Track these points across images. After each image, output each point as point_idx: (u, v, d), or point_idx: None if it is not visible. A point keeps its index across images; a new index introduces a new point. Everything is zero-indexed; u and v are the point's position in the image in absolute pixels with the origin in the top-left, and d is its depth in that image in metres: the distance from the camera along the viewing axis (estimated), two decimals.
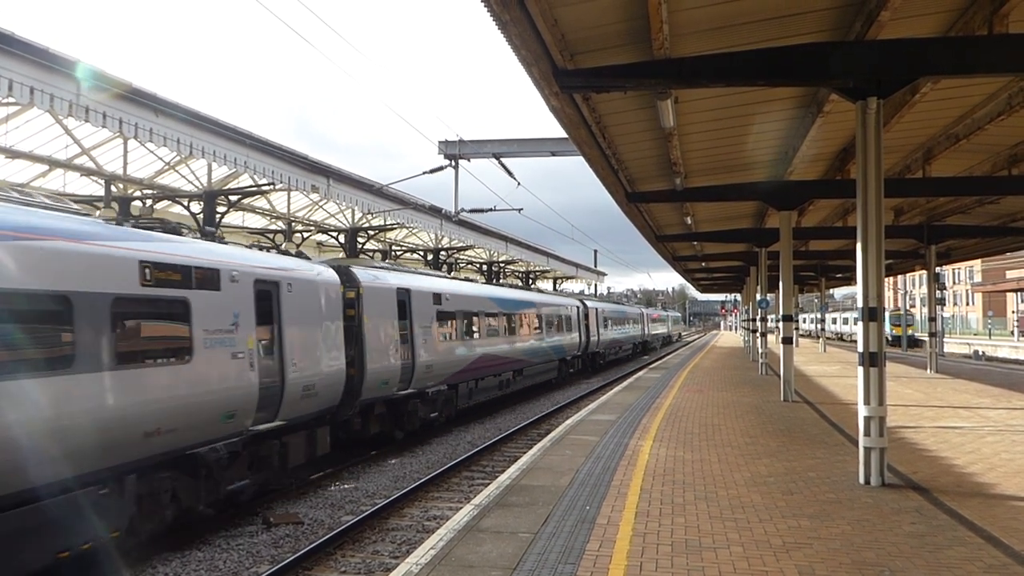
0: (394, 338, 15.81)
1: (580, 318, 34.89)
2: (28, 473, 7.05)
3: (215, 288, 10.10)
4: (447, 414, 18.69)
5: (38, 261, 7.38)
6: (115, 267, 8.38)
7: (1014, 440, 11.91)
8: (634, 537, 6.72)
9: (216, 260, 10.35)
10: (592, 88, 10.56)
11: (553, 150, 18.76)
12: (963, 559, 6.14)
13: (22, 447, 6.95)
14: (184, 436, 9.29)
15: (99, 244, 8.32)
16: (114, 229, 9.17)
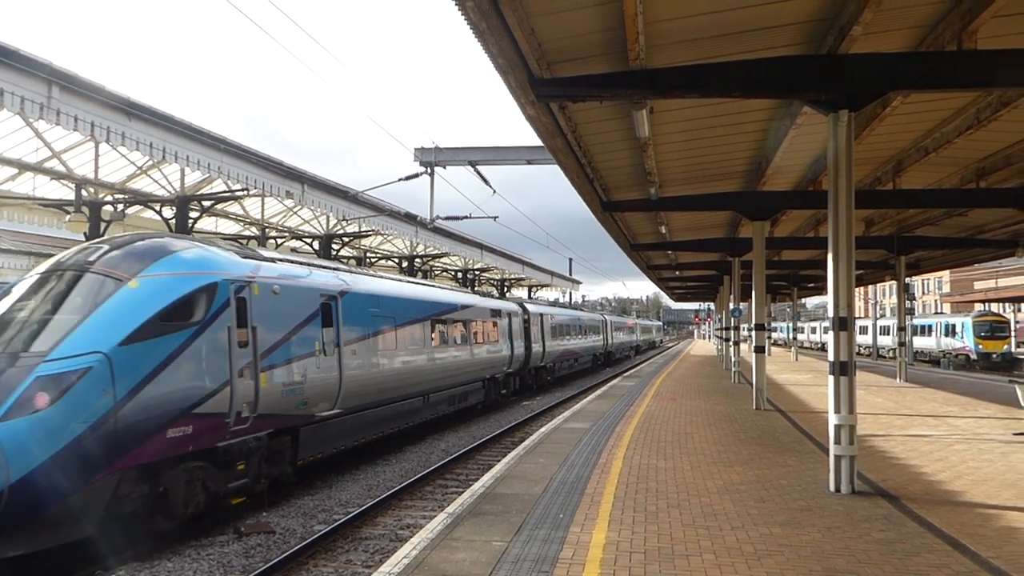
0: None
1: (519, 326, 28.71)
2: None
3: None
4: None
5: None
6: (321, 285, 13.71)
7: (981, 448, 12.09)
8: (607, 545, 6.74)
9: (325, 283, 14.03)
10: (568, 97, 10.61)
11: (529, 158, 18.82)
12: (931, 566, 6.22)
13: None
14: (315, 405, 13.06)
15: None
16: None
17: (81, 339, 8.77)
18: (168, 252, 10.42)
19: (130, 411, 8.89)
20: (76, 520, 8.48)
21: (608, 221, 22.08)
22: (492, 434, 19.27)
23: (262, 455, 11.58)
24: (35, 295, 9.69)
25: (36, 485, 7.87)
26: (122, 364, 8.90)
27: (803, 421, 15.36)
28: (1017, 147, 15.79)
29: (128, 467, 9.03)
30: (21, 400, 8.01)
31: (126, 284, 9.53)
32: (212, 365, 10.28)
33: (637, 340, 77.20)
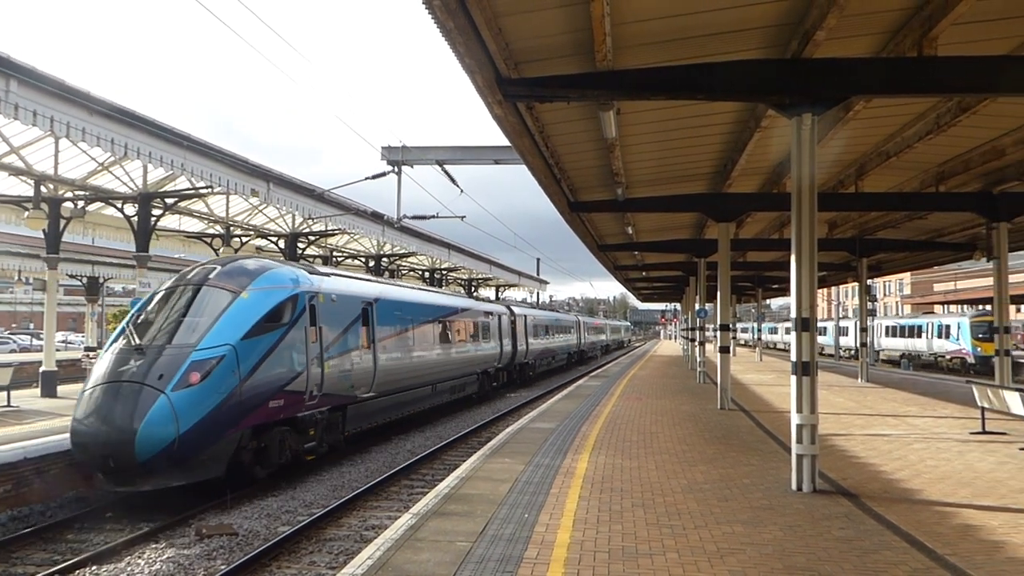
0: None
1: (507, 326, 32.28)
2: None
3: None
4: None
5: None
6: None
7: (939, 448, 12.31)
8: (572, 545, 6.75)
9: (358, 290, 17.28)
10: (536, 98, 10.64)
11: (496, 158, 18.80)
12: (889, 563, 6.31)
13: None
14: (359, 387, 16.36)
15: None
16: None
17: (216, 335, 12.21)
18: (264, 271, 13.98)
19: (248, 387, 12.34)
20: (214, 462, 11.95)
21: (575, 221, 22.16)
22: (458, 434, 19.26)
23: (324, 425, 14.99)
24: (170, 303, 13.17)
25: (194, 435, 11.33)
26: (243, 353, 12.34)
27: (767, 421, 15.53)
28: (975, 152, 16.10)
29: (246, 427, 12.46)
30: (183, 377, 11.49)
31: (240, 296, 13.00)
32: (296, 355, 13.71)
33: (607, 340, 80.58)
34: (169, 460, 11.16)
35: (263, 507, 12.04)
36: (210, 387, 11.68)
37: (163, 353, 11.84)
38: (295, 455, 14.04)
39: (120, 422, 11.04)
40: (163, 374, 11.49)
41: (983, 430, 13.94)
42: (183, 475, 11.54)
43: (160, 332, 12.40)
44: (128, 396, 11.30)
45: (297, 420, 13.90)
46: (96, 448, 11.10)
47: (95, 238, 25.75)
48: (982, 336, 43.78)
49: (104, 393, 11.48)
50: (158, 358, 11.72)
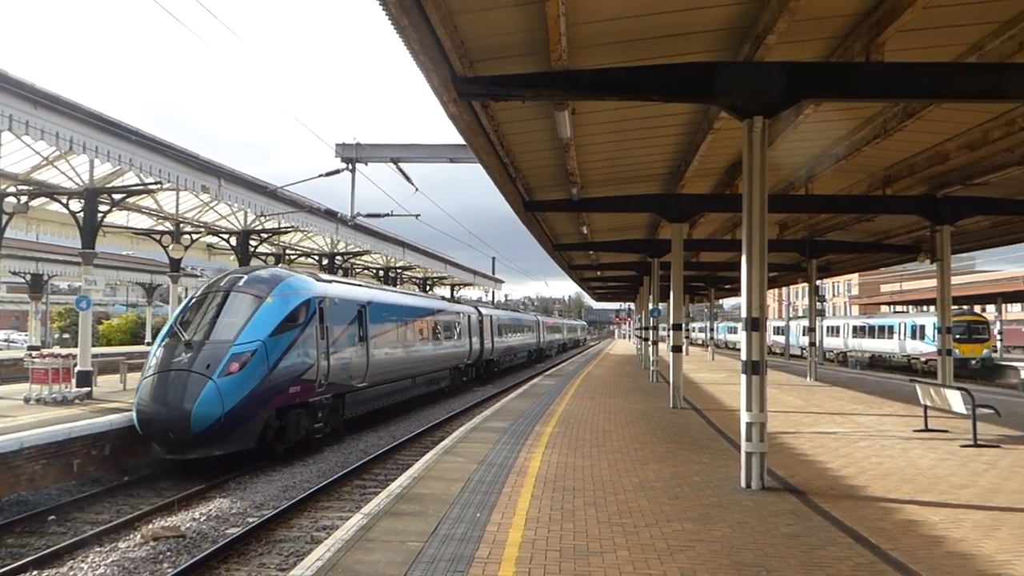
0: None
1: (476, 325, 34.95)
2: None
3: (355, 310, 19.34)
4: None
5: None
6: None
7: (883, 445, 12.58)
8: (523, 544, 6.76)
9: (357, 294, 20.05)
10: (491, 96, 10.63)
11: (452, 156, 18.72)
12: (834, 558, 6.43)
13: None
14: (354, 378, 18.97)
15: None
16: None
17: (249, 332, 14.79)
18: (283, 279, 16.60)
19: (275, 376, 14.91)
20: (248, 436, 14.49)
21: (530, 221, 22.20)
22: (412, 433, 19.19)
23: (328, 409, 17.61)
24: (206, 305, 15.70)
25: (235, 414, 13.91)
26: (270, 348, 14.90)
27: (718, 419, 15.72)
28: (920, 156, 16.49)
29: (272, 408, 14.99)
30: (226, 367, 14.06)
31: (265, 300, 15.55)
32: (309, 350, 16.25)
33: (564, 339, 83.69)
34: (215, 434, 13.77)
35: (212, 509, 11.86)
36: (247, 375, 14.27)
37: (208, 347, 14.47)
38: (307, 433, 16.59)
39: (178, 403, 13.65)
40: (210, 364, 14.10)
41: (926, 428, 14.28)
42: (225, 446, 14.11)
43: (203, 330, 14.98)
44: (183, 382, 13.94)
45: (309, 404, 16.48)
46: (159, 424, 13.68)
47: (39, 234, 25.09)
48: (959, 337, 40.45)
49: (163, 380, 14.07)
50: (204, 351, 14.36)
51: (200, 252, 30.96)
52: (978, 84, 9.84)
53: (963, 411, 12.77)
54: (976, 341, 42.65)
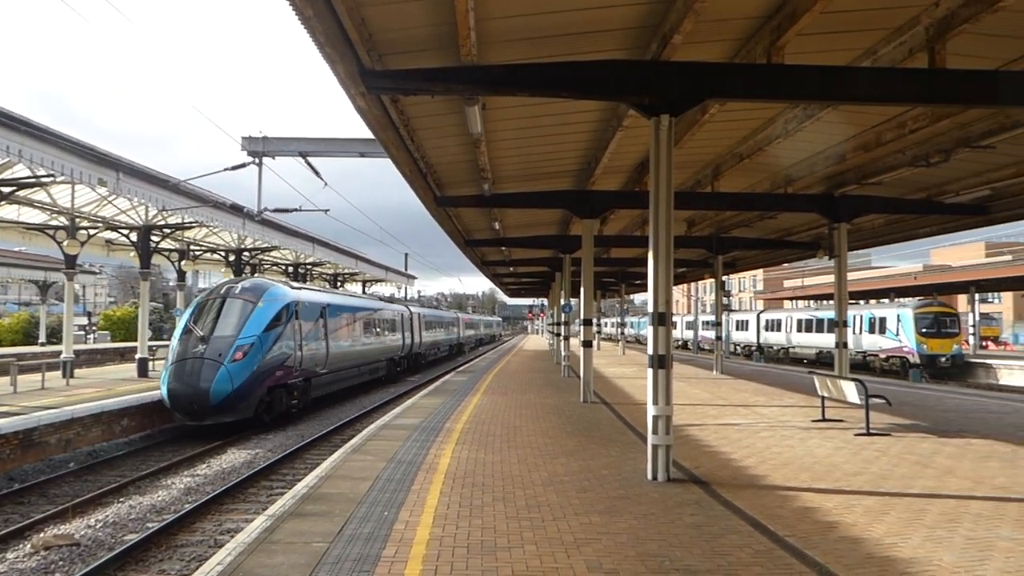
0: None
1: (407, 322, 39.47)
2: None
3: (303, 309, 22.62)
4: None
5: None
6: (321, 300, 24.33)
7: (784, 435, 13.01)
8: (431, 541, 6.71)
9: (314, 297, 24.23)
10: (399, 90, 10.51)
11: (362, 151, 18.49)
12: (735, 546, 6.60)
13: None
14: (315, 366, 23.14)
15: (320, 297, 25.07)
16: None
17: (248, 329, 19.12)
18: (268, 287, 21.13)
19: (267, 362, 19.28)
20: (249, 408, 18.72)
21: (442, 216, 22.10)
22: (321, 432, 18.89)
23: (301, 390, 22.16)
24: (207, 309, 19.82)
25: (241, 390, 18.19)
26: (264, 341, 19.30)
27: (626, 413, 15.97)
28: (819, 156, 17.10)
29: (265, 387, 19.35)
30: (233, 355, 18.29)
31: (257, 304, 19.86)
32: (289, 343, 20.81)
33: (481, 334, 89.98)
34: (226, 405, 18.12)
35: (109, 514, 11.42)
36: (248, 361, 18.62)
37: (218, 340, 18.75)
38: (286, 408, 21.09)
39: (199, 383, 17.91)
40: (221, 353, 18.41)
41: (823, 418, 14.83)
42: (232, 415, 18.37)
43: (213, 327, 19.15)
44: (202, 367, 18.17)
45: (288, 385, 21.02)
46: (185, 398, 17.92)
47: None
48: (927, 331, 38.06)
49: (186, 365, 18.29)
50: (215, 343, 18.64)
51: (98, 248, 29.67)
52: (871, 88, 10.23)
53: (857, 401, 13.30)
54: (945, 336, 38.31)
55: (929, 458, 10.85)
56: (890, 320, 40.24)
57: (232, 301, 19.78)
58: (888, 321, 40.41)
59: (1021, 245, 79.58)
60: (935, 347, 37.73)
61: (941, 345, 37.88)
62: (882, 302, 49.39)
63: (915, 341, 38.03)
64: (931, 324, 38.15)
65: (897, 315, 39.72)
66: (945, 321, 38.61)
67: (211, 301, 20.09)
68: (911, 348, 38.12)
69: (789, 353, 52.19)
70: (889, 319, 40.34)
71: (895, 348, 39.57)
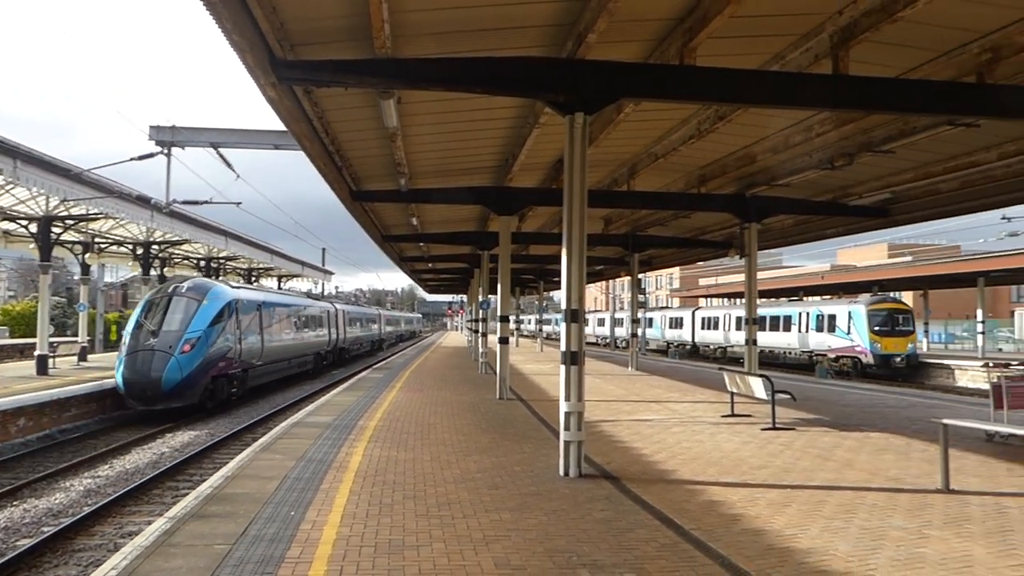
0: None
1: (333, 318, 41.73)
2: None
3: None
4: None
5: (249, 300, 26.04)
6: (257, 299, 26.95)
7: (694, 430, 13.27)
8: (337, 541, 6.59)
9: (253, 296, 26.83)
10: (312, 82, 10.30)
11: (276, 143, 18.03)
12: (642, 540, 6.68)
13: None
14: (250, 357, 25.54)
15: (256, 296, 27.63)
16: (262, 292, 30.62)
17: (195, 324, 21.09)
18: (212, 287, 23.08)
19: (211, 354, 21.30)
20: (195, 394, 20.70)
21: (358, 211, 21.79)
22: (232, 431, 18.44)
23: (239, 379, 24.29)
24: (156, 306, 21.62)
25: (189, 379, 20.21)
26: (209, 335, 21.30)
27: (541, 409, 16.05)
28: (731, 157, 17.50)
29: (209, 376, 21.34)
30: (182, 347, 20.26)
31: (202, 302, 21.78)
32: (230, 337, 22.86)
33: (401, 330, 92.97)
34: (176, 392, 20.07)
35: (1, 519, 10.87)
36: (195, 353, 20.66)
37: (168, 334, 20.75)
38: (227, 396, 23.25)
39: (151, 372, 19.86)
40: (171, 345, 20.42)
41: (732, 413, 15.20)
42: (181, 400, 20.32)
43: (163, 322, 21.07)
44: (153, 358, 20.09)
45: (228, 375, 23.19)
46: (139, 385, 19.77)
47: None
48: (881, 329, 35.81)
49: (138, 357, 20.16)
50: (166, 336, 20.67)
51: None
52: (779, 91, 10.53)
53: (764, 397, 13.68)
54: (900, 334, 36.16)
55: (830, 451, 11.22)
56: (840, 317, 38.17)
57: (179, 299, 21.77)
58: (838, 319, 38.32)
59: (921, 247, 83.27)
60: (889, 346, 35.76)
61: (895, 344, 35.94)
62: (828, 298, 47.87)
63: (868, 340, 36.02)
64: (885, 322, 36.18)
65: (848, 312, 37.65)
66: (899, 318, 36.64)
67: (159, 299, 21.94)
68: (864, 347, 36.16)
69: (728, 353, 50.09)
70: (839, 316, 38.33)
71: (846, 347, 37.57)
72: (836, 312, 38.63)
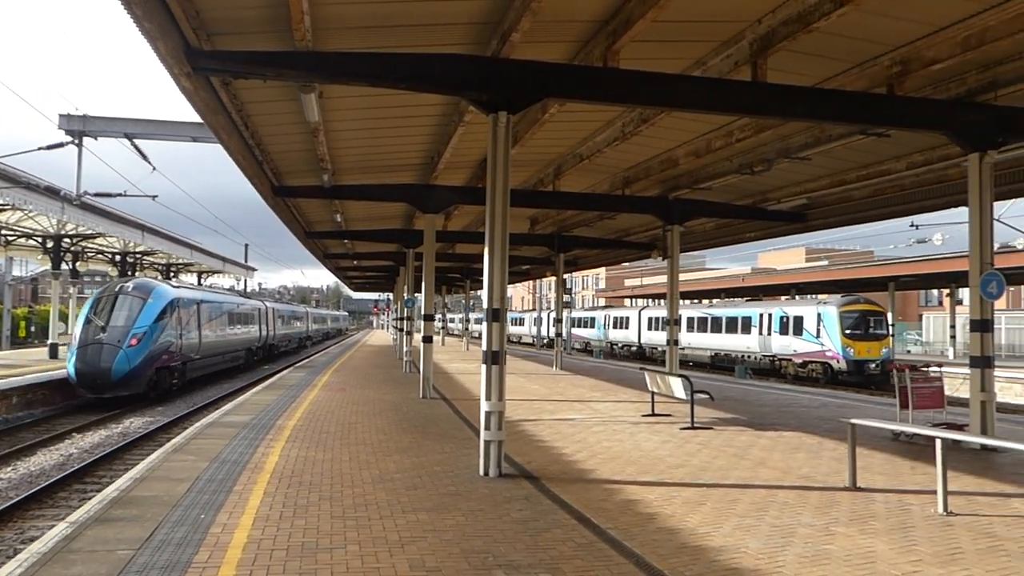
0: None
1: (263, 316, 43.64)
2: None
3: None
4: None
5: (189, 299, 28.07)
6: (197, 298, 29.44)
7: (615, 430, 13.40)
8: (248, 544, 6.41)
9: (191, 294, 29.07)
10: (230, 73, 10.00)
11: (194, 135, 17.57)
12: (558, 540, 6.69)
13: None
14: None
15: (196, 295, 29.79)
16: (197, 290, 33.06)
17: (141, 320, 22.88)
18: (155, 286, 24.98)
19: (156, 348, 23.11)
20: (141, 384, 22.45)
21: (280, 207, 21.38)
22: (146, 430, 17.87)
23: (179, 372, 26.01)
24: (104, 304, 23.31)
25: (136, 370, 22.04)
26: (154, 330, 23.10)
27: (464, 408, 15.98)
28: (655, 160, 17.75)
29: (154, 368, 23.16)
30: (129, 341, 22.12)
31: (147, 300, 23.61)
32: (172, 332, 24.69)
33: (328, 328, 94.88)
34: (124, 382, 21.81)
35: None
36: (142, 346, 22.42)
37: (117, 329, 22.41)
38: (169, 386, 24.93)
39: (101, 363, 21.48)
40: (120, 339, 22.10)
41: (653, 412, 15.41)
42: (128, 390, 22.05)
43: (111, 317, 22.68)
44: (102, 350, 21.68)
45: (170, 367, 24.98)
46: (90, 376, 21.36)
47: None
48: (853, 332, 32.72)
49: (89, 350, 21.65)
50: (115, 331, 22.29)
51: None
52: (701, 96, 10.71)
53: (684, 396, 13.89)
54: (874, 338, 33.13)
55: (745, 450, 11.46)
56: (808, 319, 34.81)
57: (125, 297, 23.57)
58: (806, 320, 34.92)
59: (837, 251, 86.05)
60: (863, 351, 32.54)
61: (869, 348, 32.75)
62: (800, 298, 44.72)
63: (840, 344, 32.63)
64: (857, 324, 33.05)
65: (818, 313, 34.27)
66: (872, 321, 33.56)
67: (106, 297, 23.73)
68: (835, 352, 32.70)
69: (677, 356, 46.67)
70: (807, 318, 34.88)
71: (815, 352, 34.11)
72: (803, 313, 35.50)
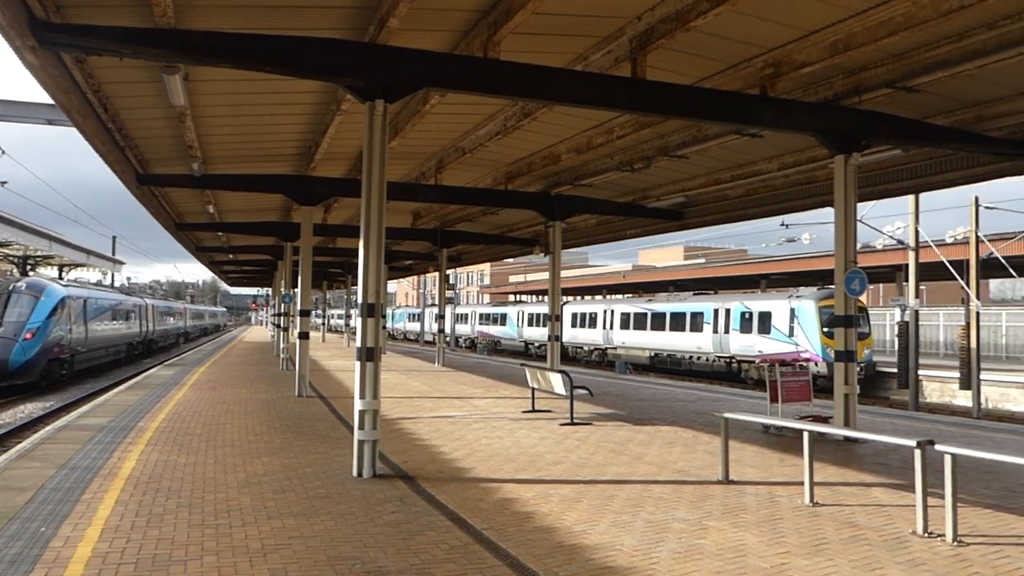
0: None
1: (143, 312, 45.55)
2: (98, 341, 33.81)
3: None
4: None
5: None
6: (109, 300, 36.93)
7: (494, 426, 13.26)
8: (92, 559, 5.88)
9: (82, 293, 32.20)
10: (82, 49, 9.21)
11: (49, 117, 16.40)
12: (431, 543, 6.45)
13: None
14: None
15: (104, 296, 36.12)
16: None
17: (35, 316, 25.43)
18: (47, 285, 27.59)
19: (49, 341, 25.86)
20: (35, 375, 25.40)
21: (147, 196, 20.26)
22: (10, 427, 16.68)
23: (69, 363, 28.83)
24: (4, 299, 25.39)
25: (31, 361, 24.89)
26: (47, 325, 25.72)
27: (341, 407, 15.51)
28: (537, 156, 17.74)
29: (46, 359, 25.97)
30: (24, 336, 24.66)
31: (40, 298, 26.11)
32: (63, 327, 27.23)
33: (206, 324, 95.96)
34: (21, 372, 24.17)
35: None
36: (36, 340, 24.67)
37: (12, 324, 24.40)
38: (59, 375, 27.21)
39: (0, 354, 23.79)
40: (16, 334, 24.16)
41: (533, 409, 15.37)
42: (24, 379, 24.34)
43: (6, 314, 24.59)
44: (1, 343, 23.77)
45: (61, 359, 27.31)
46: None
47: None
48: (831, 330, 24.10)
49: None
50: (9, 327, 24.28)
51: None
52: (582, 91, 10.63)
53: (563, 392, 13.90)
54: (856, 337, 25.47)
55: (623, 446, 11.53)
56: (779, 315, 30.86)
57: (20, 295, 25.64)
58: (775, 316, 30.98)
59: (713, 250, 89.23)
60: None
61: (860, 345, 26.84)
62: (770, 291, 38.21)
63: (820, 344, 28.46)
64: (839, 322, 28.04)
65: (791, 309, 30.31)
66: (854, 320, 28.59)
67: (1, 295, 25.47)
68: (814, 353, 27.82)
69: (608, 356, 42.04)
70: (777, 314, 30.97)
71: (787, 353, 26.90)
72: (772, 308, 31.37)
